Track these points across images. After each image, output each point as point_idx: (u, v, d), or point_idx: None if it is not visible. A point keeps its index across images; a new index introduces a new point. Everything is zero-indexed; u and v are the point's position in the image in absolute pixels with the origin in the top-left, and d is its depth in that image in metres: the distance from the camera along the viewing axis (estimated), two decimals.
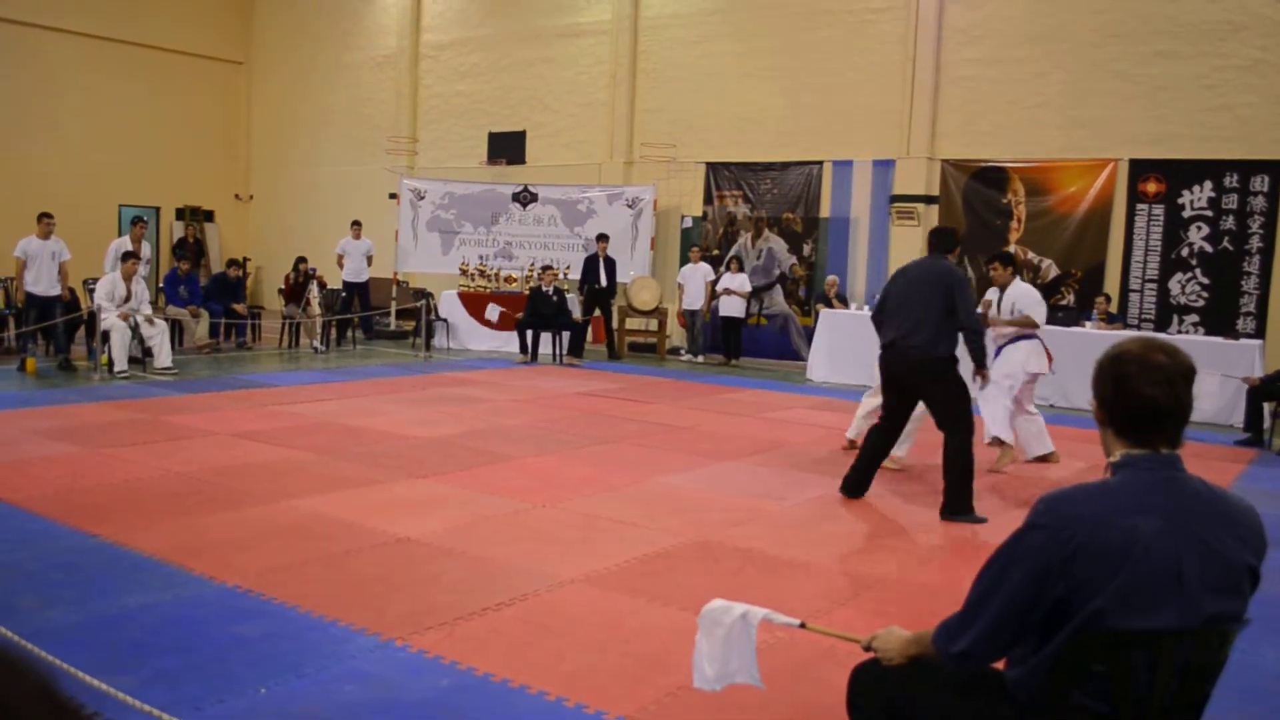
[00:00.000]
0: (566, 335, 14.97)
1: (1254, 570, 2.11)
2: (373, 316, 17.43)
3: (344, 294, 16.78)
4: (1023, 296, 8.83)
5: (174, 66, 22.02)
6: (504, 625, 4.34)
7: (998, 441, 8.42)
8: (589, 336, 15.95)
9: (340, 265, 17.02)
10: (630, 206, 17.10)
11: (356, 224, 17.29)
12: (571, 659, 4.01)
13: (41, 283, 12.05)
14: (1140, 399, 2.11)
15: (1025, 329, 8.75)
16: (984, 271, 14.54)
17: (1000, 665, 2.24)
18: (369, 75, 21.40)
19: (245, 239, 23.33)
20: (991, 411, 8.39)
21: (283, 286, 16.00)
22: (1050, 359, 8.92)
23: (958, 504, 6.56)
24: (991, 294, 9.02)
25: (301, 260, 15.82)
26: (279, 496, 6.33)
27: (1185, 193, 13.38)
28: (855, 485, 6.95)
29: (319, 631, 4.17)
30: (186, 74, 22.32)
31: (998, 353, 8.76)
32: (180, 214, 22.16)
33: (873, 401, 8.43)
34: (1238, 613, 2.09)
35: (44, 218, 12.17)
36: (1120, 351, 2.16)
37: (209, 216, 22.71)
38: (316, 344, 15.23)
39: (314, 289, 15.47)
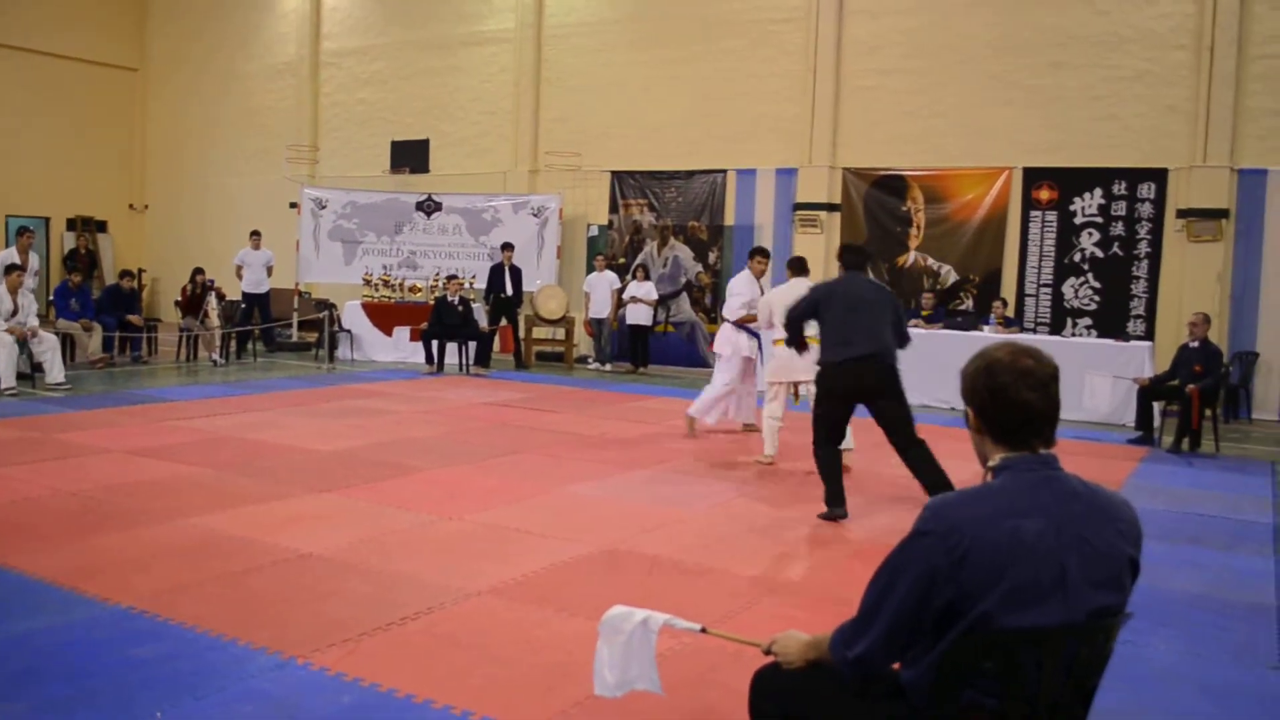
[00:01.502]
0: (473, 345, 14.87)
1: (1134, 561, 2.19)
2: (274, 328, 17.10)
3: (244, 305, 16.44)
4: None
5: (64, 72, 21.35)
6: (408, 640, 4.29)
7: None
8: (496, 346, 15.87)
9: (239, 276, 16.67)
10: (536, 215, 17.05)
11: (256, 234, 16.96)
12: (478, 672, 3.98)
13: None
14: (1019, 405, 2.17)
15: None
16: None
17: (896, 666, 2.28)
18: (268, 83, 21.01)
19: (140, 250, 22.70)
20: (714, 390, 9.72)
21: (179, 298, 15.62)
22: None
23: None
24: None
25: (199, 271, 15.46)
26: (176, 514, 6.17)
27: (1077, 199, 13.81)
28: (840, 499, 6.87)
29: (217, 652, 4.08)
30: (78, 80, 21.65)
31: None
32: (71, 224, 21.49)
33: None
34: (1120, 605, 2.16)
35: None
36: (991, 361, 2.22)
37: (102, 227, 22.05)
38: (215, 357, 14.90)
39: (212, 300, 15.14)
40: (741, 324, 9.79)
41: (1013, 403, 2.18)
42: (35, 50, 20.77)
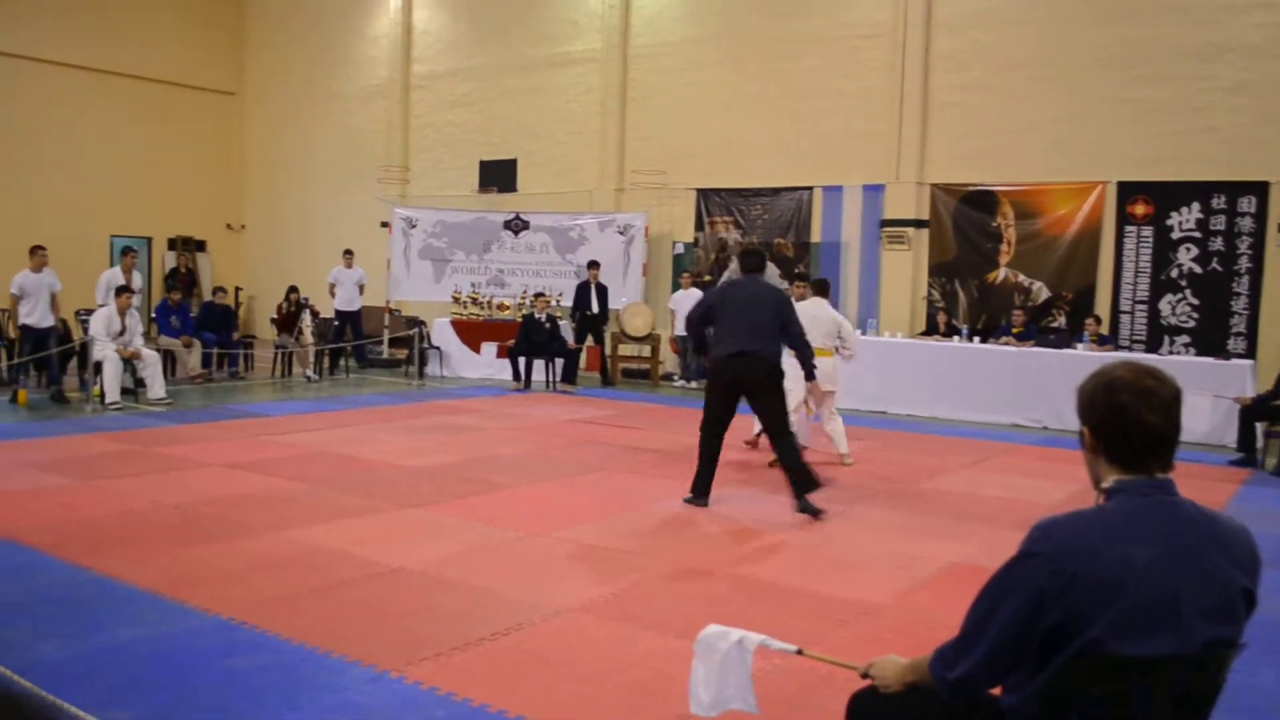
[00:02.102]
0: (559, 362, 14.98)
1: (1249, 593, 2.11)
2: (365, 345, 17.42)
3: (336, 323, 16.78)
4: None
5: (167, 97, 22.09)
6: (499, 655, 4.32)
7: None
8: (582, 363, 15.96)
9: (332, 294, 17.03)
10: (622, 233, 17.14)
11: (348, 253, 17.31)
12: (567, 689, 3.99)
13: (35, 315, 12.06)
14: (1141, 426, 2.10)
15: None
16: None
17: (996, 691, 2.24)
18: (361, 105, 21.49)
19: (238, 268, 23.33)
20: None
21: (275, 316, 16.00)
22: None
23: (809, 487, 7.23)
24: None
25: (293, 290, 15.83)
26: (272, 527, 6.30)
27: (1174, 214, 13.45)
28: (705, 490, 7.51)
29: (313, 664, 4.15)
30: (179, 104, 22.38)
31: None
32: (172, 244, 22.16)
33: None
34: (1234, 638, 2.09)
35: (37, 250, 12.18)
36: (1112, 379, 2.14)
37: (201, 246, 22.71)
38: (309, 373, 15.22)
39: (306, 318, 15.48)
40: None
41: (1134, 424, 2.10)
42: (138, 76, 21.51)
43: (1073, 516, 2.12)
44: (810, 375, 7.64)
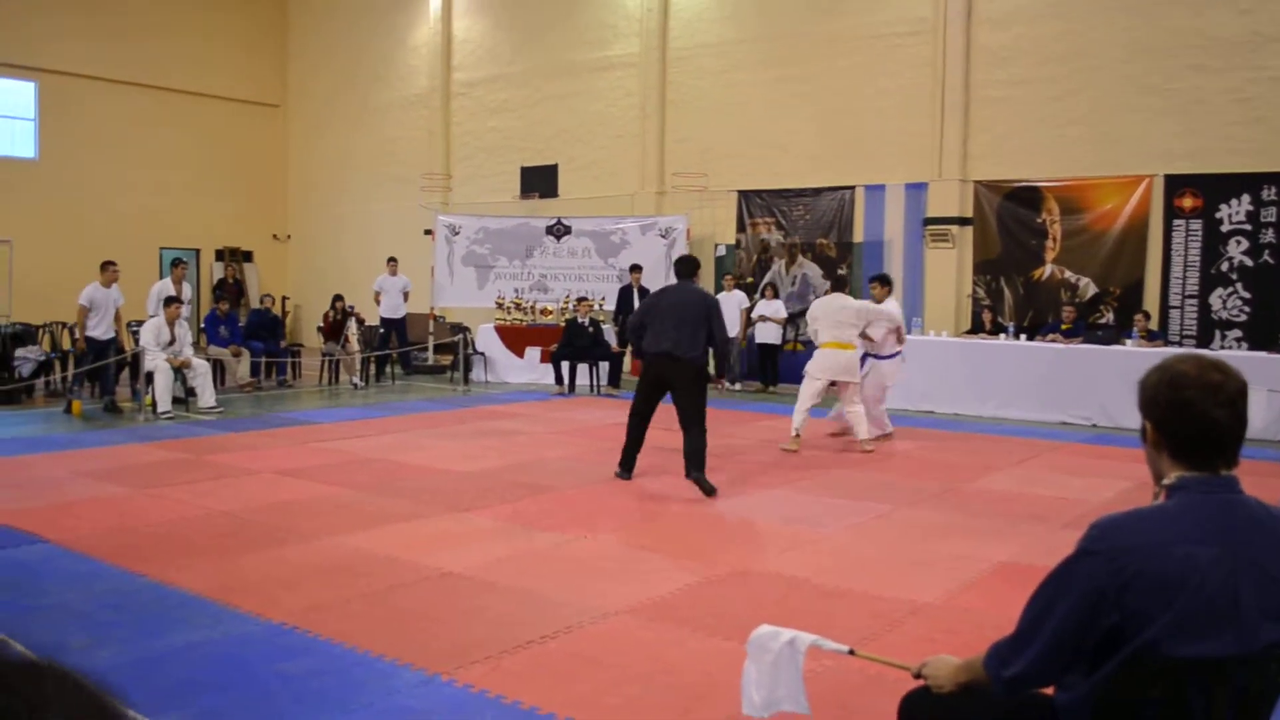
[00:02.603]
0: (604, 366, 15.01)
1: None
2: (411, 352, 17.55)
3: (382, 330, 16.92)
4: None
5: (212, 111, 22.41)
6: (549, 658, 4.34)
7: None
8: (626, 366, 15.98)
9: (377, 302, 17.17)
10: (663, 236, 17.15)
11: (392, 260, 17.45)
12: (618, 691, 4.00)
13: (101, 328, 12.32)
14: (1206, 422, 2.05)
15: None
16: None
17: (1050, 691, 2.21)
18: (401, 114, 21.67)
19: (284, 278, 23.62)
20: (854, 412, 10.13)
21: (321, 324, 16.17)
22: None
23: (699, 465, 7.93)
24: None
25: (339, 298, 15.99)
26: (322, 533, 6.37)
27: (1223, 206, 13.24)
28: (628, 466, 8.46)
29: (364, 668, 4.19)
30: (225, 118, 22.70)
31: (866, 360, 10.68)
32: (220, 255, 22.47)
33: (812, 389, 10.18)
34: None
35: (108, 266, 12.49)
36: (1177, 374, 2.09)
37: (248, 257, 23.01)
38: (356, 380, 15.36)
39: (352, 326, 15.63)
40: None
41: (1199, 419, 2.06)
42: (184, 90, 21.85)
43: (1132, 515, 2.09)
44: (723, 372, 8.28)
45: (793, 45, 16.51)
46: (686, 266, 8.46)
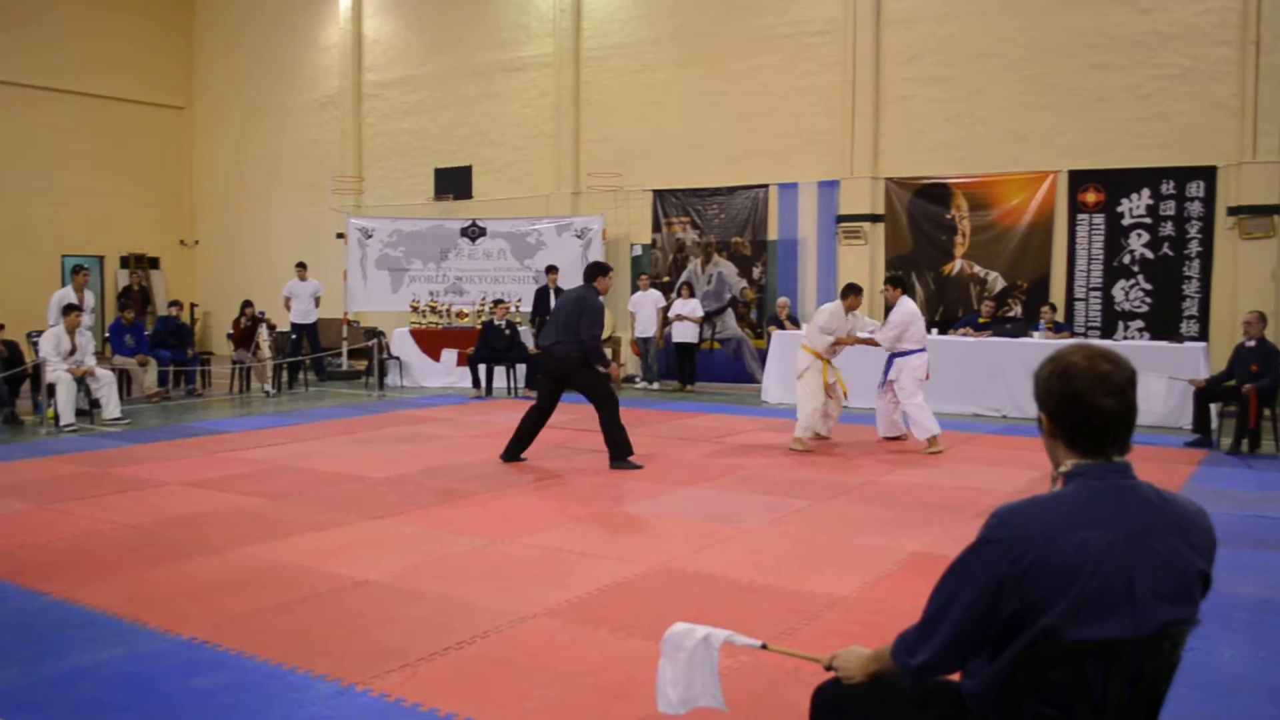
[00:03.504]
0: (521, 368, 14.93)
1: (1204, 574, 2.13)
2: (324, 358, 17.29)
3: (294, 336, 16.64)
4: (894, 315, 10.36)
5: (115, 114, 21.84)
6: (467, 664, 4.29)
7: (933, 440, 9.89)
8: None
9: (288, 308, 16.89)
10: (579, 237, 17.13)
11: (301, 265, 17.17)
12: (536, 695, 3.97)
13: None
14: (1096, 411, 2.11)
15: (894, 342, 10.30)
16: (904, 284, 14.76)
17: (956, 677, 2.25)
18: (313, 116, 21.34)
19: (192, 285, 23.10)
20: (918, 414, 9.99)
21: (231, 331, 15.85)
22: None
23: (619, 453, 8.90)
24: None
25: (248, 304, 15.69)
26: (233, 545, 6.24)
27: (1124, 201, 13.62)
28: (513, 452, 9.19)
29: (277, 680, 4.11)
30: (128, 121, 22.13)
31: (890, 360, 10.38)
32: (125, 262, 21.90)
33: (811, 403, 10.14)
34: (1189, 618, 2.11)
35: None
36: (1067, 365, 2.15)
37: (154, 263, 22.46)
38: (268, 388, 15.09)
39: (263, 332, 15.34)
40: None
41: (1088, 408, 2.11)
42: (87, 94, 21.27)
43: (1030, 503, 2.13)
44: (602, 364, 9.00)
45: (706, 45, 16.61)
46: (588, 270, 9.33)
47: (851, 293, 10.44)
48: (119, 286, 21.39)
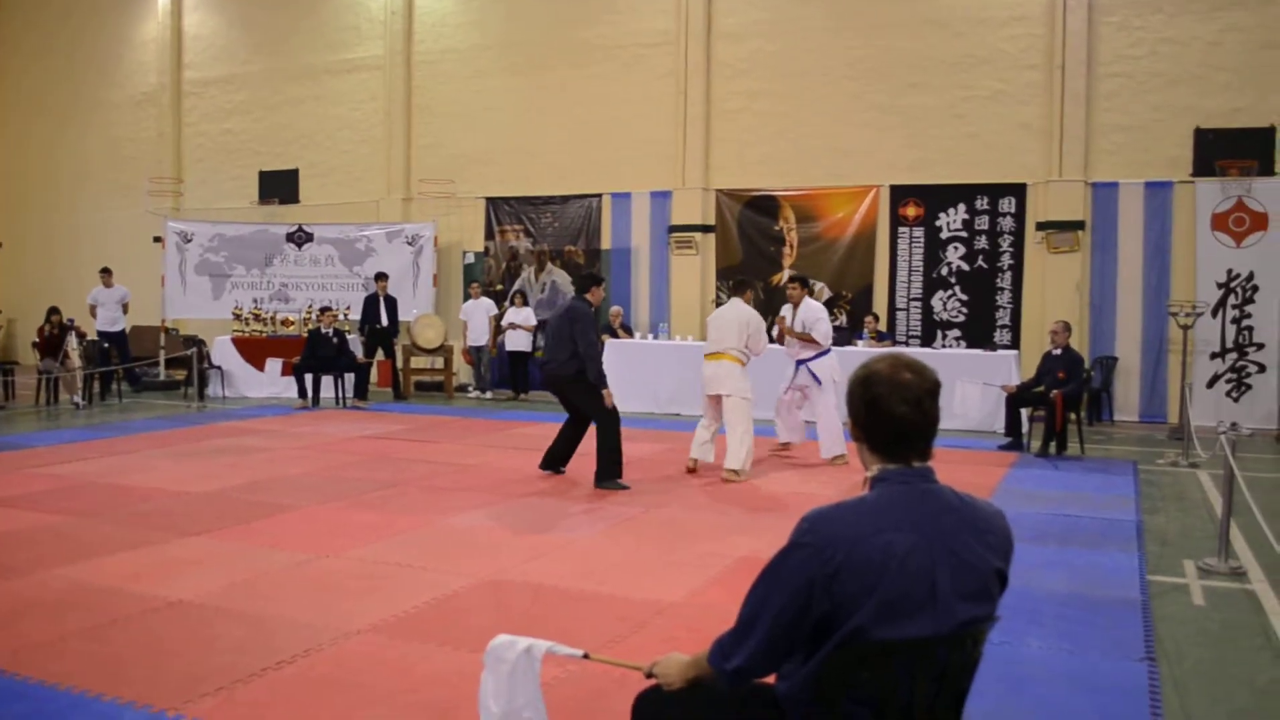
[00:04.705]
0: (349, 377, 14.58)
1: (1001, 573, 2.23)
2: (139, 367, 16.52)
3: (104, 345, 15.86)
4: (810, 314, 10.02)
5: None
6: (285, 685, 4.15)
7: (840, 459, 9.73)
8: (374, 378, 15.60)
9: (94, 315, 16.07)
10: (410, 244, 16.85)
11: (106, 271, 16.37)
12: (358, 714, 3.87)
13: None
14: (892, 418, 2.19)
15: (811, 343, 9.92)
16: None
17: (772, 680, 2.29)
18: (128, 114, 20.38)
19: None
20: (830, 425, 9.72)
21: (37, 339, 14.98)
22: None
23: (607, 473, 8.52)
24: (785, 310, 10.23)
25: (54, 311, 14.86)
26: (36, 567, 5.87)
27: (942, 215, 14.23)
28: (552, 462, 9.09)
29: (82, 710, 3.89)
30: None
31: (798, 366, 10.03)
32: None
33: (706, 433, 9.46)
34: (988, 615, 2.20)
35: None
36: (870, 373, 2.23)
37: None
38: (77, 399, 14.31)
39: (72, 340, 14.55)
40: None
41: (886, 415, 2.19)
42: None
43: (839, 507, 2.19)
44: (599, 383, 8.53)
45: (539, 53, 16.60)
46: (579, 283, 9.17)
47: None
48: None
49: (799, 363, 10.11)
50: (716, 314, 9.59)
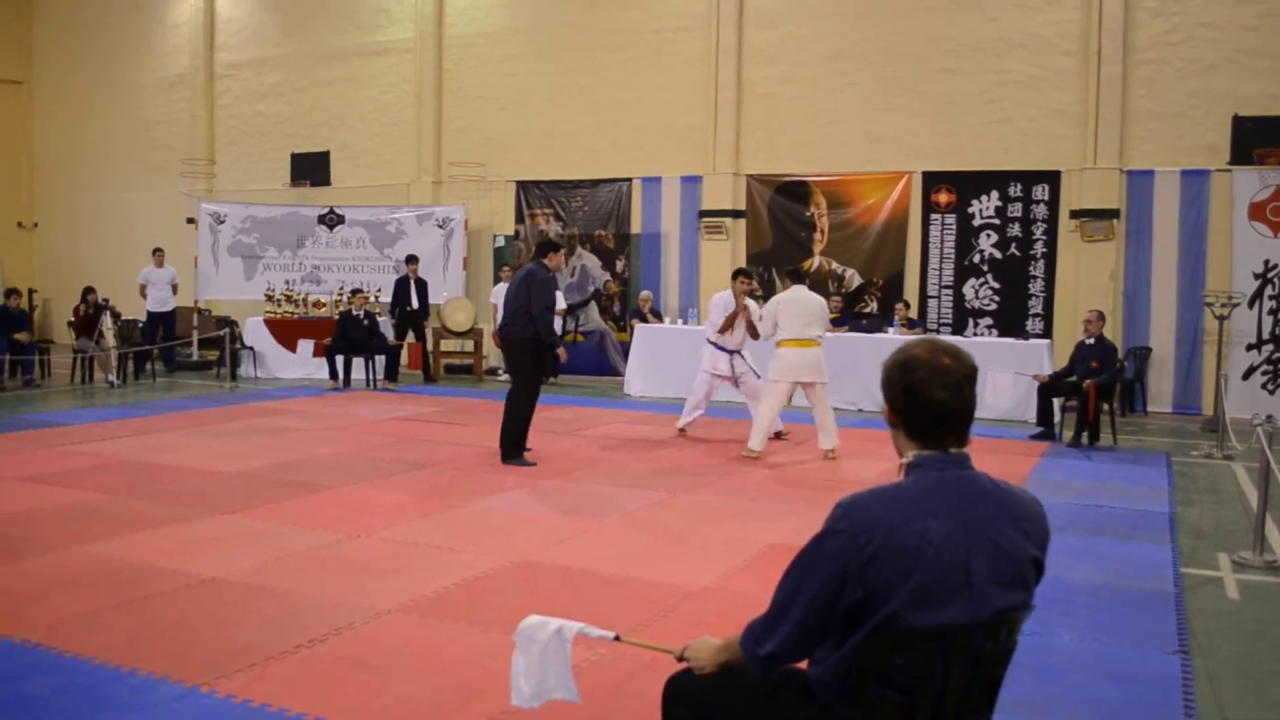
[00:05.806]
0: (380, 360, 14.65)
1: (1038, 562, 2.21)
2: (174, 347, 16.66)
3: (149, 325, 16.01)
4: (756, 308, 10.29)
5: None
6: (316, 662, 4.18)
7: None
8: (404, 360, 15.65)
9: (144, 295, 16.23)
10: (441, 227, 16.90)
11: (158, 251, 16.53)
12: (388, 692, 3.90)
13: None
14: (931, 403, 2.17)
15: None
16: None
17: (804, 665, 2.28)
18: (162, 95, 20.51)
19: (31, 270, 21.97)
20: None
21: (72, 319, 15.13)
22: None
23: (507, 450, 8.71)
24: (751, 303, 10.38)
25: (90, 291, 15.00)
26: (71, 543, 5.95)
27: (975, 202, 14.12)
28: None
29: (116, 683, 3.93)
30: None
31: (731, 356, 10.36)
32: None
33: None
34: (1024, 603, 2.19)
35: None
36: (907, 357, 2.21)
37: None
38: (111, 378, 14.46)
39: (107, 320, 14.69)
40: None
41: (925, 400, 2.17)
42: None
43: (873, 493, 2.18)
44: (551, 344, 9.04)
45: (569, 37, 16.57)
46: (537, 248, 9.13)
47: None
48: None
49: (731, 353, 10.36)
50: (792, 300, 9.42)
